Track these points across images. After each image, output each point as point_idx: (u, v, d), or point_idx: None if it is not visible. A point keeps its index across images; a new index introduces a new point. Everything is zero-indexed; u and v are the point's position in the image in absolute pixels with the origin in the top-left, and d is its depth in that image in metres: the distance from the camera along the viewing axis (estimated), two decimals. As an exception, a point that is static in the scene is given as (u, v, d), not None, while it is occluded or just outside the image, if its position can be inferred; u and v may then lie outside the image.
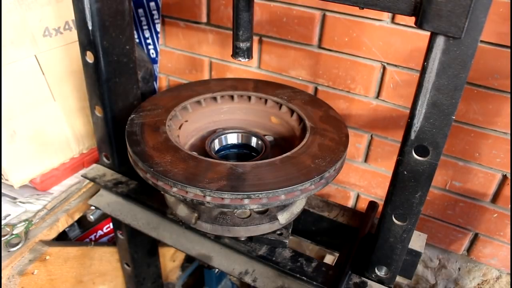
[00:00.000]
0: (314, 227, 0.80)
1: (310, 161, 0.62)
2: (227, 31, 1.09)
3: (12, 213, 0.86)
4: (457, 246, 1.10)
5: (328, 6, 0.94)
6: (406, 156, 0.50)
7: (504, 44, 0.82)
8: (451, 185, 1.02)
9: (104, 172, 0.87)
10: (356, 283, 0.66)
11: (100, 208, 0.85)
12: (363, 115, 1.04)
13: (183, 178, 0.57)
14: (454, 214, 1.06)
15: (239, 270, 0.71)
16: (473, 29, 0.40)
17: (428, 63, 0.44)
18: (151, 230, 0.78)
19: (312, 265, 0.68)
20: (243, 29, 0.67)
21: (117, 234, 0.95)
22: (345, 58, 0.98)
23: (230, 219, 0.67)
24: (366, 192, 1.15)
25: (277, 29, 1.02)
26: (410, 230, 0.57)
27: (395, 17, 0.89)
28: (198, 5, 1.09)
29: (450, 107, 0.45)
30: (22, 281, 0.80)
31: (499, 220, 1.01)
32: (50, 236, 0.87)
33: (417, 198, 0.53)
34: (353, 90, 1.01)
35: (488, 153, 0.94)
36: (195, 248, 0.75)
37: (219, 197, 0.56)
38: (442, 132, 0.47)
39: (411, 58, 0.92)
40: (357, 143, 1.08)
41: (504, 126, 0.89)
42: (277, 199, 0.57)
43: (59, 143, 0.93)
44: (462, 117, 0.92)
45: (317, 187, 0.60)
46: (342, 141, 0.68)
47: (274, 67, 1.08)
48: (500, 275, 1.09)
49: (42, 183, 0.92)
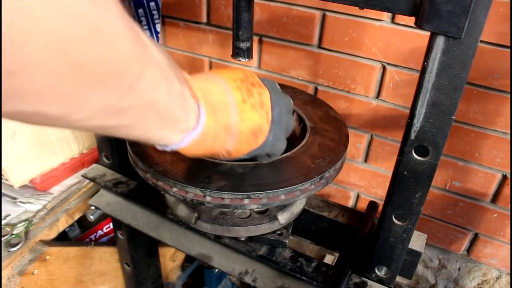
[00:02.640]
0: (314, 227, 0.80)
1: (310, 161, 0.62)
2: (227, 31, 1.09)
3: (12, 213, 0.86)
4: (457, 246, 1.10)
5: (328, 6, 0.94)
6: (406, 156, 0.50)
7: (504, 44, 0.82)
8: (451, 185, 1.02)
9: (104, 172, 0.87)
10: (356, 283, 0.66)
11: (100, 208, 0.85)
12: (363, 115, 1.04)
13: (183, 178, 0.57)
14: (454, 214, 1.06)
15: (239, 270, 0.71)
16: (473, 29, 0.40)
17: (428, 63, 0.44)
18: (151, 230, 0.78)
19: (312, 265, 0.68)
20: (243, 29, 0.67)
21: (117, 234, 0.95)
22: (345, 58, 0.98)
23: (230, 219, 0.67)
24: (366, 192, 1.15)
25: (277, 29, 1.02)
26: (410, 230, 0.57)
27: (395, 17, 0.89)
28: (198, 5, 1.09)
29: (450, 107, 0.45)
30: (22, 281, 0.80)
31: (499, 220, 1.01)
32: (50, 236, 0.87)
33: (417, 198, 0.53)
34: (353, 90, 1.01)
35: (488, 153, 0.94)
36: (195, 248, 0.75)
37: (219, 197, 0.56)
38: (442, 132, 0.47)
39: (411, 58, 0.92)
40: (357, 143, 1.08)
41: (504, 126, 0.89)
42: (277, 199, 0.57)
43: (59, 143, 0.93)
44: (462, 117, 0.92)
45: (317, 187, 0.60)
46: (342, 141, 0.68)
47: (274, 67, 1.08)
48: (500, 275, 1.09)
49: (42, 183, 0.92)
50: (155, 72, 0.35)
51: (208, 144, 0.47)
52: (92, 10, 0.26)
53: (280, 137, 0.54)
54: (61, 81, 0.27)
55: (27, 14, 0.23)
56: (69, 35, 0.25)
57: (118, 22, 0.29)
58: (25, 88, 0.26)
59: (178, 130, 0.43)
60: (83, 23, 0.26)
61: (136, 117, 0.36)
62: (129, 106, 0.34)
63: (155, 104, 0.37)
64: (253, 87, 0.50)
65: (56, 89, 0.27)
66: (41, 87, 0.26)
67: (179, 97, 0.41)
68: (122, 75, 0.31)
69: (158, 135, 0.42)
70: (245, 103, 0.48)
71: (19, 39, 0.23)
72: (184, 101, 0.42)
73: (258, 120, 0.49)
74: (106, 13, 0.28)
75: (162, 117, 0.39)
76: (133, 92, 0.33)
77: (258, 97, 0.50)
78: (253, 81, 0.51)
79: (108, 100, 0.32)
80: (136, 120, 0.36)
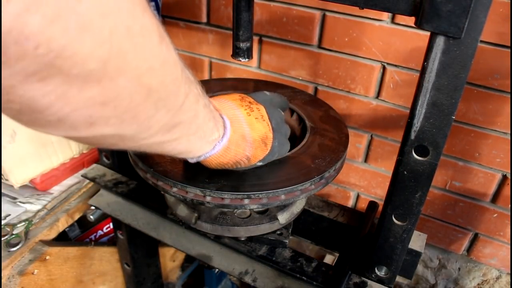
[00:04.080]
0: (314, 227, 0.80)
1: (310, 161, 0.62)
2: (227, 31, 1.09)
3: (12, 213, 0.86)
4: (457, 246, 1.10)
5: (328, 6, 0.94)
6: (406, 156, 0.50)
7: (504, 44, 0.82)
8: (451, 185, 1.02)
9: (104, 172, 0.87)
10: (356, 283, 0.66)
11: (100, 208, 0.85)
12: (363, 115, 1.04)
13: (183, 178, 0.57)
14: (454, 214, 1.06)
15: (239, 270, 0.71)
16: (473, 29, 0.40)
17: (428, 63, 0.44)
18: (151, 230, 0.79)
19: (312, 265, 0.68)
20: (243, 29, 0.67)
21: (117, 234, 0.95)
22: (345, 58, 0.98)
23: (230, 219, 0.67)
24: (366, 192, 1.15)
25: (277, 29, 1.02)
26: (410, 230, 0.57)
27: (395, 17, 0.89)
28: (198, 5, 1.09)
29: (450, 107, 0.45)
30: (22, 281, 0.80)
31: (499, 220, 1.01)
32: (50, 236, 0.87)
33: (417, 198, 0.53)
34: (353, 90, 1.01)
35: (488, 153, 0.94)
36: (195, 248, 0.75)
37: (219, 197, 0.56)
38: (442, 132, 0.47)
39: (411, 58, 0.92)
40: (357, 143, 1.08)
41: (504, 126, 0.89)
42: (277, 199, 0.58)
43: (59, 143, 0.93)
44: (462, 117, 0.92)
45: (317, 187, 0.60)
46: (342, 141, 0.68)
47: (274, 67, 1.08)
48: (500, 275, 1.09)
49: (42, 183, 0.92)
50: (194, 90, 0.41)
51: (232, 153, 0.52)
52: (160, 45, 0.32)
53: (283, 142, 0.59)
54: (138, 106, 0.32)
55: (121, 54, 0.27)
56: (146, 67, 0.30)
57: (173, 52, 0.35)
58: (112, 114, 0.31)
59: (211, 140, 0.48)
60: (156, 56, 0.32)
61: (183, 131, 0.41)
62: (180, 121, 0.40)
63: (196, 117, 0.42)
64: (251, 104, 0.56)
65: (134, 113, 0.32)
66: (124, 113, 0.31)
67: (210, 110, 0.46)
68: (177, 95, 0.37)
69: (198, 146, 0.47)
70: (250, 116, 0.54)
71: (113, 75, 0.28)
72: (213, 113, 0.47)
73: (263, 129, 0.55)
74: (167, 46, 0.33)
75: (201, 129, 0.45)
76: (183, 109, 0.39)
77: (257, 112, 0.56)
78: (250, 100, 0.57)
79: (167, 118, 0.37)
80: (183, 133, 0.42)
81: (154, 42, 0.31)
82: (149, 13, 0.30)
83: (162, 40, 0.32)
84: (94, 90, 0.27)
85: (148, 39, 0.30)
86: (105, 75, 0.27)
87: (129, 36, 0.27)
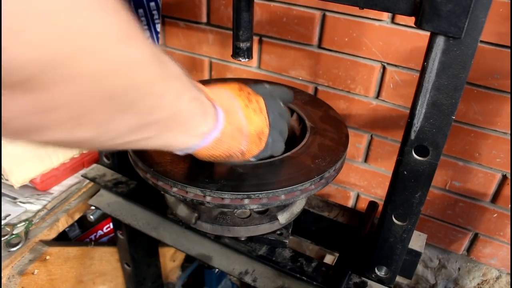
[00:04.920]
0: (314, 227, 0.80)
1: (310, 161, 0.62)
2: (227, 31, 1.09)
3: (12, 213, 0.86)
4: (457, 246, 1.10)
5: (328, 6, 0.94)
6: (406, 156, 0.51)
7: (504, 44, 0.82)
8: (451, 185, 1.02)
9: (104, 172, 0.87)
10: (356, 283, 0.66)
11: (100, 208, 0.85)
12: (363, 115, 1.04)
13: (183, 178, 0.57)
14: (454, 214, 1.06)
15: (239, 270, 0.71)
16: (473, 29, 0.40)
17: (428, 63, 0.44)
18: (151, 230, 0.79)
19: (312, 265, 0.68)
20: (243, 29, 0.67)
21: (117, 234, 0.95)
22: (345, 58, 0.98)
23: (230, 219, 0.67)
24: (366, 192, 1.15)
25: (277, 29, 1.02)
26: (410, 230, 0.57)
27: (395, 17, 0.89)
28: (198, 5, 1.09)
29: (450, 107, 0.45)
30: (22, 281, 0.80)
31: (499, 220, 1.01)
32: (50, 236, 0.87)
33: (417, 198, 0.53)
34: (353, 90, 1.01)
35: (488, 153, 0.94)
36: (195, 248, 0.75)
37: (219, 197, 0.56)
38: (442, 132, 0.47)
39: (411, 58, 0.92)
40: (357, 143, 1.08)
41: (504, 126, 0.89)
42: (277, 199, 0.58)
43: (59, 143, 0.93)
44: (462, 117, 0.92)
45: (317, 187, 0.60)
46: (342, 141, 0.68)
47: (274, 67, 1.08)
48: (500, 275, 1.09)
49: (42, 183, 0.92)
50: (176, 86, 0.38)
51: (225, 146, 0.49)
52: (124, 44, 0.29)
53: (277, 139, 0.58)
54: (96, 110, 0.30)
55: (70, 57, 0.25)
56: (103, 70, 0.28)
57: (149, 50, 0.32)
58: (64, 120, 0.29)
59: (199, 133, 0.46)
60: (117, 58, 0.29)
61: (159, 129, 0.39)
62: (154, 121, 0.37)
63: (177, 114, 0.40)
64: (250, 95, 0.54)
65: (91, 118, 0.30)
66: (79, 118, 0.29)
67: (198, 103, 0.43)
68: (147, 97, 0.34)
69: (180, 140, 0.44)
70: (248, 108, 0.52)
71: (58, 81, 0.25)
72: (202, 105, 0.45)
73: (260, 123, 0.53)
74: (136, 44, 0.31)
75: (183, 124, 0.42)
76: (157, 109, 0.36)
77: (256, 104, 0.53)
78: (249, 91, 0.55)
79: (135, 119, 0.35)
80: (159, 131, 0.39)
81: (114, 42, 0.28)
82: (111, 10, 0.27)
83: (129, 39, 0.29)
84: (36, 96, 0.25)
85: (107, 39, 0.27)
86: (49, 80, 0.25)
87: (80, 37, 0.25)
